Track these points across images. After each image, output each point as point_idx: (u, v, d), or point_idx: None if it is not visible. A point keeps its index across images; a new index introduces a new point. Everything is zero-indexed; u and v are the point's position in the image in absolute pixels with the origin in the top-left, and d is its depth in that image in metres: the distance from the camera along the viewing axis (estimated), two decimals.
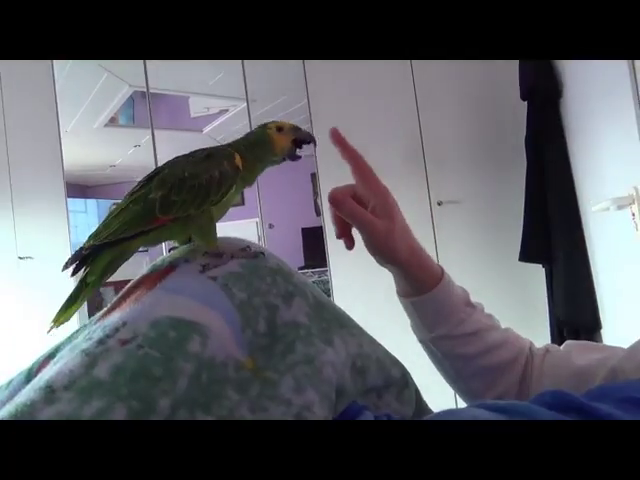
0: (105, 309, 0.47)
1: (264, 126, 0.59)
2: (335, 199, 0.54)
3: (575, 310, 1.84)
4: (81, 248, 0.49)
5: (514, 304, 2.23)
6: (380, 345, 0.51)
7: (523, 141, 2.05)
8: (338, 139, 0.59)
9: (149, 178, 0.53)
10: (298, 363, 0.42)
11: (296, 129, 0.59)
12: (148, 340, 0.39)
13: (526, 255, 1.96)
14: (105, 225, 0.50)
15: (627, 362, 0.49)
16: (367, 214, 0.53)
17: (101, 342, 0.39)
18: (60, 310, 0.49)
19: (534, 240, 1.92)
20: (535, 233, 1.92)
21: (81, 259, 0.50)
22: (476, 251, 2.31)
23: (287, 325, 0.45)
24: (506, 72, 2.16)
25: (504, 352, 0.55)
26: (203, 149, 0.55)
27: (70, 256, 0.50)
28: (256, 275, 0.47)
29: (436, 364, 0.59)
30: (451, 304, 0.54)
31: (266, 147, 0.58)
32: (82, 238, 2.91)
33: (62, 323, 0.49)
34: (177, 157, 0.55)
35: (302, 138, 0.60)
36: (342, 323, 0.49)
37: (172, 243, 0.57)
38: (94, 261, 0.50)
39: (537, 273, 2.04)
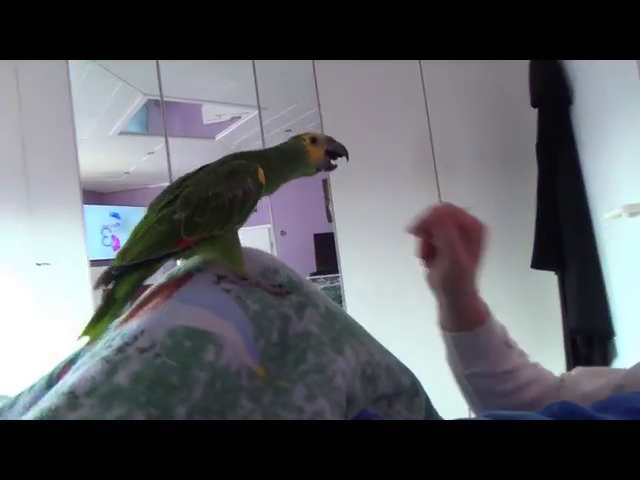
0: (124, 315, 0.49)
1: (298, 137, 0.59)
2: (440, 218, 0.52)
3: (588, 317, 1.82)
4: (111, 268, 0.50)
5: (526, 312, 2.21)
6: (390, 353, 0.52)
7: (534, 147, 2.04)
8: (416, 229, 0.57)
9: (173, 193, 0.52)
10: (310, 372, 0.43)
11: (330, 141, 0.60)
12: (165, 349, 0.40)
13: (538, 262, 1.94)
14: (132, 244, 0.50)
15: (629, 378, 0.49)
16: (461, 248, 0.51)
17: (120, 350, 0.40)
18: (90, 324, 0.50)
19: (546, 247, 1.91)
20: (547, 240, 1.91)
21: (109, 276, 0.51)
22: (489, 259, 2.29)
23: (299, 335, 0.46)
24: (517, 76, 2.16)
25: (535, 388, 0.56)
26: (228, 161, 0.54)
27: (100, 275, 0.51)
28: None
29: (467, 399, 0.59)
30: (492, 344, 0.54)
31: (301, 159, 0.58)
32: (97, 244, 2.96)
33: (94, 338, 0.49)
34: (202, 169, 0.55)
35: (336, 150, 0.61)
36: (352, 332, 0.50)
37: None
38: (122, 277, 0.50)
39: (549, 280, 2.03)
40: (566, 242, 1.86)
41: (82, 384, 0.37)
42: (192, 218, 0.49)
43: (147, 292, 0.51)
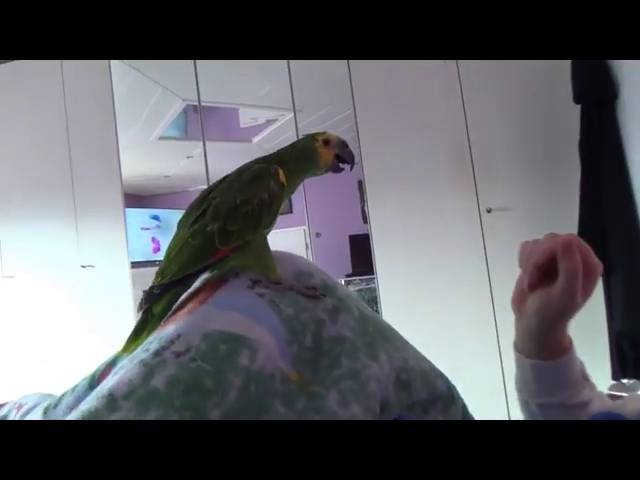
0: (164, 320, 0.50)
1: (312, 138, 0.59)
2: (570, 247, 0.47)
3: (635, 322, 1.74)
4: (152, 287, 0.51)
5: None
6: (425, 358, 0.52)
7: (577, 145, 1.97)
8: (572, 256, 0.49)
9: (200, 207, 0.53)
10: (343, 377, 0.43)
11: (342, 146, 0.60)
12: (200, 353, 0.41)
13: None
14: (169, 262, 0.51)
15: None
16: (580, 283, 0.47)
17: (157, 353, 0.41)
18: (128, 340, 0.51)
19: (591, 248, 1.84)
20: (591, 241, 1.82)
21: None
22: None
23: (333, 339, 0.46)
24: (558, 72, 2.09)
25: None
26: (248, 168, 0.56)
27: (143, 296, 0.52)
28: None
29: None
30: (572, 376, 0.52)
31: (312, 160, 0.58)
32: (138, 246, 3.04)
33: (133, 350, 0.50)
34: (224, 180, 0.56)
35: (344, 156, 0.60)
36: (386, 336, 0.50)
37: None
38: (160, 294, 0.51)
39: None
40: (611, 243, 1.78)
41: (120, 387, 0.39)
42: (225, 228, 0.50)
43: (184, 296, 0.52)
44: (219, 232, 0.50)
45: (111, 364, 0.50)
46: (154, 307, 0.51)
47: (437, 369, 0.52)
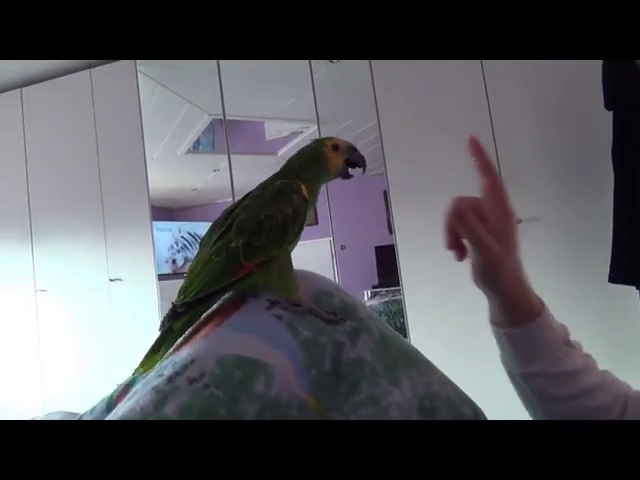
0: (179, 342, 0.49)
1: (320, 143, 0.58)
2: (459, 211, 0.49)
3: None
4: (175, 306, 0.51)
5: (606, 330, 2.06)
6: (450, 382, 0.49)
7: (609, 152, 1.91)
8: (477, 149, 0.54)
9: (223, 225, 0.53)
10: (363, 404, 0.42)
11: (351, 150, 0.59)
12: (215, 379, 0.40)
13: (617, 276, 1.79)
14: (192, 280, 0.50)
15: None
16: (487, 235, 0.48)
17: (171, 379, 0.41)
18: (146, 356, 0.51)
19: (625, 259, 1.76)
20: (626, 252, 1.76)
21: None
22: (561, 273, 2.17)
23: (352, 363, 0.45)
24: (589, 78, 2.05)
25: (601, 396, 0.51)
26: (269, 184, 0.55)
27: (167, 314, 0.51)
28: None
29: (524, 402, 0.55)
30: (549, 341, 0.50)
31: (322, 165, 0.57)
32: (165, 259, 3.08)
33: (149, 368, 0.50)
34: (247, 196, 0.56)
35: (354, 160, 0.59)
36: (409, 360, 0.48)
37: None
38: (183, 312, 0.51)
39: (631, 296, 1.87)
40: None
41: (131, 415, 0.38)
42: (249, 243, 0.49)
43: (200, 319, 0.51)
44: (244, 248, 0.49)
45: (129, 385, 0.49)
46: (175, 324, 0.51)
47: (463, 394, 0.50)
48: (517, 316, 0.49)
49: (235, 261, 0.49)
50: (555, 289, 2.20)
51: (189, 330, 0.51)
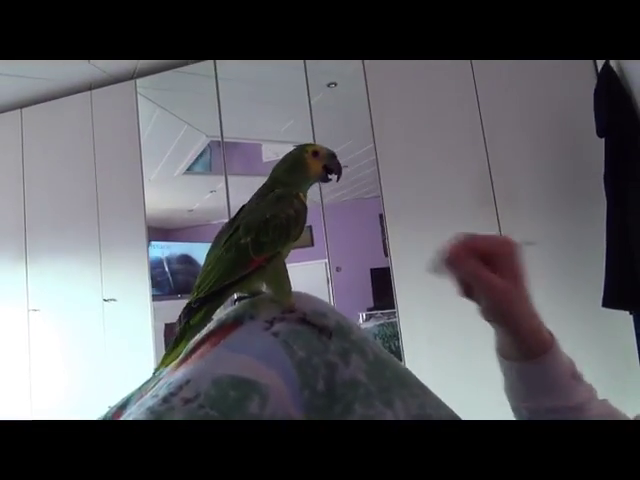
0: (175, 362, 0.49)
1: (301, 149, 0.62)
2: (452, 258, 0.48)
3: None
4: (190, 302, 0.53)
5: (600, 355, 2.06)
6: (444, 406, 0.49)
7: (601, 178, 1.94)
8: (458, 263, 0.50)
9: (232, 228, 0.57)
10: None
11: (330, 157, 0.62)
12: (209, 399, 0.40)
13: (610, 300, 1.80)
14: (205, 276, 0.53)
15: None
16: (489, 275, 0.47)
17: (165, 400, 0.41)
18: (166, 353, 0.52)
19: (619, 284, 1.77)
20: (620, 276, 1.78)
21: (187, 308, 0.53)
22: (554, 296, 2.18)
23: (346, 384, 0.45)
24: (580, 105, 2.09)
25: None
26: (267, 193, 0.59)
27: (182, 311, 0.53)
28: (314, 333, 0.48)
29: None
30: (559, 374, 0.49)
31: (302, 171, 0.61)
32: (160, 279, 3.07)
33: (170, 363, 0.51)
34: (249, 204, 0.60)
35: (331, 167, 0.62)
36: (403, 382, 0.48)
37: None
38: (198, 308, 0.53)
39: (624, 320, 1.88)
40: None
41: None
42: (257, 239, 0.53)
43: (197, 338, 0.52)
44: (252, 243, 0.53)
45: (122, 407, 0.49)
46: (192, 319, 0.52)
47: (457, 417, 0.49)
48: (528, 350, 0.48)
49: (245, 255, 0.53)
50: (549, 313, 2.19)
51: (185, 350, 0.51)
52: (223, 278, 0.52)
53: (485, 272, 0.47)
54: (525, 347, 0.49)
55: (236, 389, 0.41)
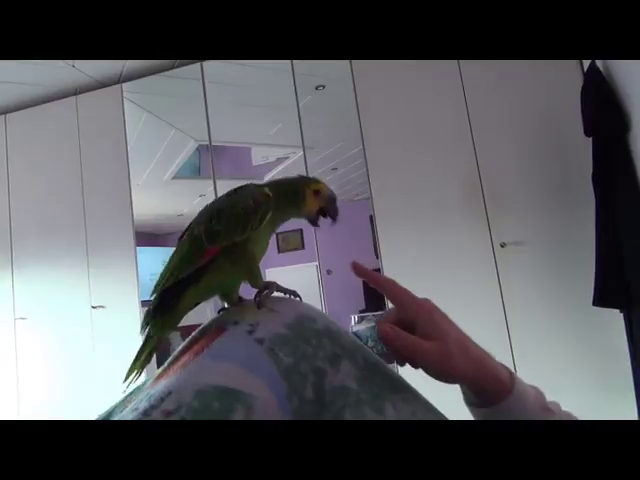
0: (157, 374, 0.48)
1: (304, 182, 0.58)
2: (383, 338, 0.47)
3: None
4: (148, 310, 0.52)
5: (591, 354, 2.07)
6: (435, 410, 0.48)
7: (589, 177, 1.95)
8: (360, 271, 0.54)
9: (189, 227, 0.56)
10: None
11: (330, 200, 0.59)
12: (192, 411, 0.39)
13: (601, 299, 1.81)
14: (163, 272, 0.53)
15: None
16: (415, 342, 0.46)
17: (146, 413, 0.39)
18: (129, 369, 0.51)
19: (609, 282, 1.78)
20: (609, 275, 1.78)
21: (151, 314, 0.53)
22: (545, 296, 2.19)
23: (336, 390, 0.43)
24: (568, 105, 2.10)
25: None
26: (239, 187, 0.57)
27: (143, 317, 0.53)
28: (302, 338, 0.46)
29: None
30: (527, 412, 0.48)
31: (296, 204, 0.58)
32: (150, 285, 3.04)
33: (132, 374, 0.51)
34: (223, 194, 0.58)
35: (327, 211, 0.59)
36: (395, 388, 0.47)
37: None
38: (156, 314, 0.52)
39: (615, 319, 1.89)
40: (630, 277, 1.73)
41: None
42: (210, 228, 0.52)
43: (179, 348, 0.50)
44: (205, 232, 0.52)
45: (106, 418, 0.48)
46: (152, 330, 0.52)
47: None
48: (488, 395, 0.47)
49: (199, 246, 0.51)
50: (539, 312, 2.21)
51: (168, 360, 0.49)
52: (178, 269, 0.51)
53: (409, 340, 0.46)
54: (485, 394, 0.47)
55: (220, 400, 0.39)
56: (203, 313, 0.60)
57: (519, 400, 0.47)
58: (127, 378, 0.51)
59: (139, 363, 0.51)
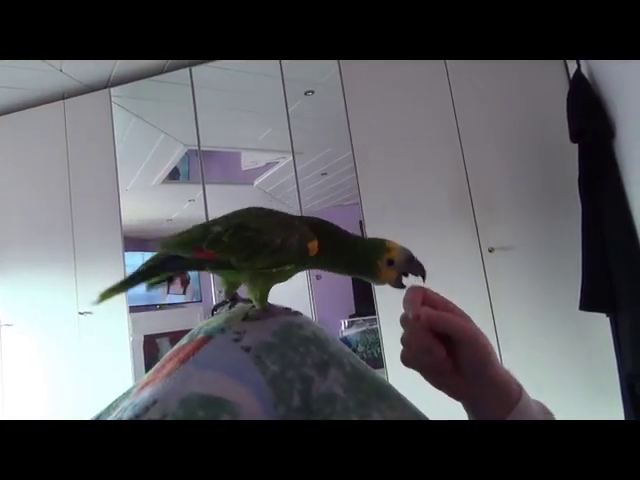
0: (143, 381, 0.47)
1: (377, 253, 0.52)
2: (424, 316, 0.45)
3: None
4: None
5: (577, 357, 2.08)
6: (423, 416, 0.48)
7: (576, 182, 1.98)
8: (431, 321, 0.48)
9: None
10: None
11: (408, 262, 0.52)
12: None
13: (587, 303, 1.82)
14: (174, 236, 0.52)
15: None
16: (469, 324, 0.45)
17: None
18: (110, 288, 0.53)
19: (595, 287, 1.80)
20: (596, 279, 1.80)
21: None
22: (533, 300, 2.21)
23: (323, 398, 0.43)
24: (554, 112, 2.13)
25: None
26: (293, 217, 0.53)
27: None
28: (289, 345, 0.46)
29: None
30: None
31: (369, 274, 0.53)
32: (137, 290, 3.01)
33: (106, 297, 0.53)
34: (268, 210, 0.54)
35: (411, 272, 0.53)
36: (382, 395, 0.47)
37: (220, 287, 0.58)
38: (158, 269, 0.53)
39: (601, 323, 1.91)
40: (616, 281, 1.75)
41: None
42: (221, 236, 0.49)
43: (166, 356, 0.50)
44: (214, 235, 0.49)
45: None
46: (152, 277, 0.53)
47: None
48: (501, 403, 0.46)
49: (201, 240, 0.50)
50: (527, 316, 2.23)
51: (153, 368, 0.49)
52: (179, 245, 0.51)
53: (463, 321, 0.46)
54: (499, 400, 0.46)
55: (205, 409, 0.39)
56: (193, 318, 0.60)
57: (525, 408, 0.46)
58: (104, 298, 0.53)
59: (115, 289, 0.53)
